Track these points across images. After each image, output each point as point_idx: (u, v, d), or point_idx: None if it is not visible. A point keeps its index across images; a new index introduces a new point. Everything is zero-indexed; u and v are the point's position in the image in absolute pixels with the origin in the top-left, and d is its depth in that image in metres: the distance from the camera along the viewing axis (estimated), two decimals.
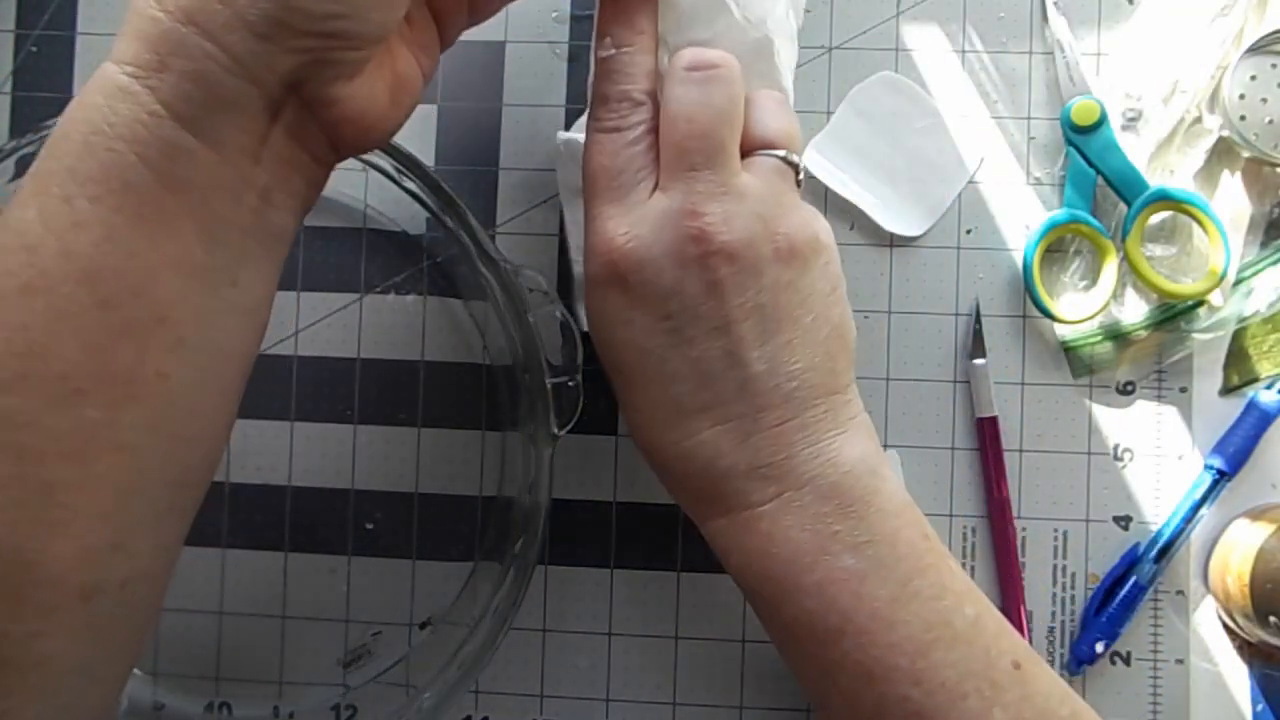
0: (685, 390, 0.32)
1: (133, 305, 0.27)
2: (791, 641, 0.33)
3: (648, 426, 0.33)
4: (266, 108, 0.28)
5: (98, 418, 0.26)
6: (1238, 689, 0.43)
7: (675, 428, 0.33)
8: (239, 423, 0.45)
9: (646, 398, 0.33)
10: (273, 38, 0.26)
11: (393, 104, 0.31)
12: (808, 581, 0.31)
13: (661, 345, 0.32)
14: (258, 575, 0.45)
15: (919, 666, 0.30)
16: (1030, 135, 0.45)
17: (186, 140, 0.27)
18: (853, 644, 0.31)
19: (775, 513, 0.32)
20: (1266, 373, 0.44)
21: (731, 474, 0.32)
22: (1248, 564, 0.40)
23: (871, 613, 0.31)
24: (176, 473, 0.29)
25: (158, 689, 0.45)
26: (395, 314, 0.46)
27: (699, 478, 0.33)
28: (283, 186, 0.29)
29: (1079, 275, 0.45)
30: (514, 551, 0.41)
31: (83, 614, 0.27)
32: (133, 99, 0.26)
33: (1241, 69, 0.43)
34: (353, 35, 0.28)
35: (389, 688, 0.45)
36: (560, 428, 0.40)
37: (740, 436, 0.32)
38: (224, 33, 0.26)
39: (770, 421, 0.32)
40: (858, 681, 0.31)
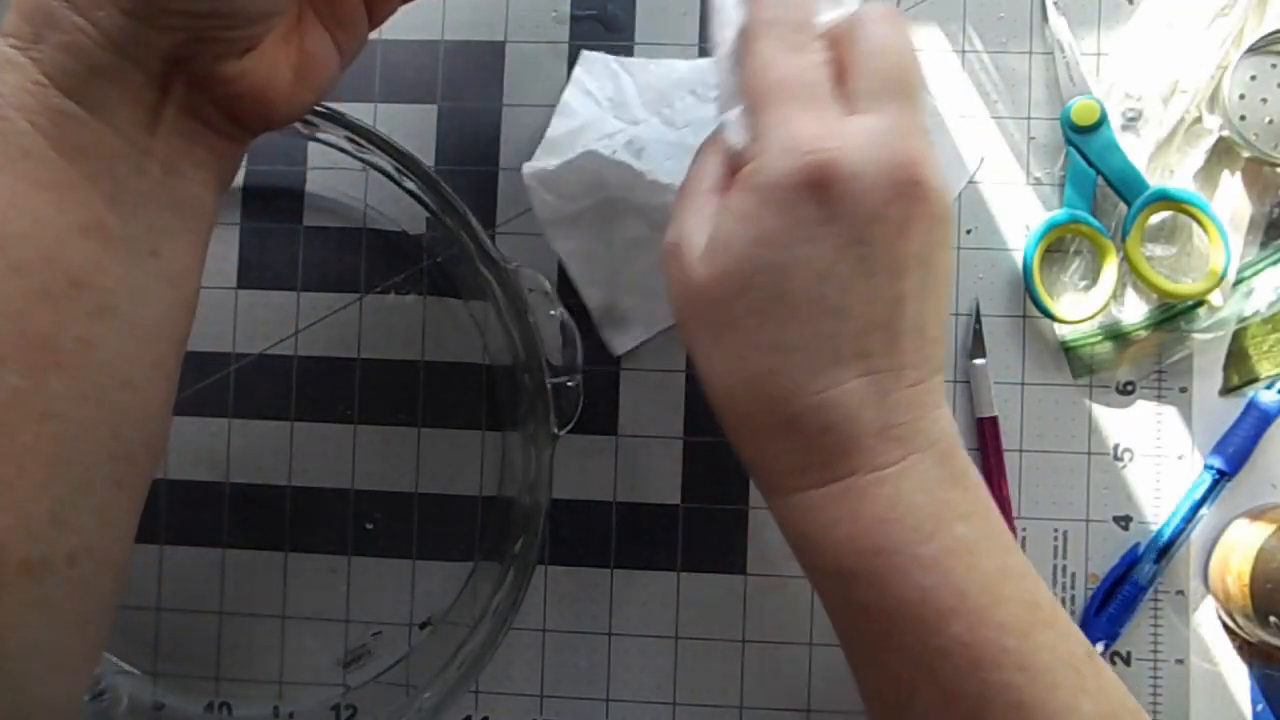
0: (849, 331, 0.29)
1: (45, 270, 0.27)
2: (888, 632, 0.30)
3: (793, 369, 0.30)
4: (150, 82, 0.28)
5: (19, 385, 0.26)
6: (1238, 689, 0.43)
7: (825, 373, 0.30)
8: (239, 423, 0.45)
9: (803, 334, 0.29)
10: (143, 16, 0.26)
11: (298, 83, 0.31)
12: (926, 553, 0.29)
13: (847, 273, 0.29)
14: (258, 575, 0.45)
15: (1025, 649, 0.29)
16: (1030, 135, 0.45)
17: (73, 108, 0.27)
18: (964, 625, 0.29)
19: (900, 476, 0.30)
20: (1266, 373, 0.44)
21: (867, 431, 0.30)
22: (1248, 564, 0.40)
23: (982, 587, 0.29)
24: (115, 446, 0.29)
25: (158, 689, 0.45)
26: (395, 314, 0.46)
27: (832, 433, 0.30)
28: (186, 158, 0.29)
29: (1079, 275, 0.45)
30: (514, 551, 0.41)
31: (29, 589, 0.27)
32: (18, 70, 0.26)
33: (1241, 69, 0.43)
34: (229, 15, 0.27)
35: (389, 688, 0.45)
36: (560, 428, 0.40)
37: (881, 392, 0.30)
38: (92, 8, 0.26)
39: (908, 380, 0.30)
40: (962, 670, 0.29)
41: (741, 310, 0.30)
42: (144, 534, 0.31)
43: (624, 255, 0.44)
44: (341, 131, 0.40)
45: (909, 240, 0.30)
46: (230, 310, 0.46)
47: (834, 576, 0.31)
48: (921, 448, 0.30)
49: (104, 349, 0.28)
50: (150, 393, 0.30)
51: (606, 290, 0.44)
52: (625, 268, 0.44)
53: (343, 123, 0.40)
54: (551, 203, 0.43)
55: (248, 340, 0.46)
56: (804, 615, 0.44)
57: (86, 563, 0.29)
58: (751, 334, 0.30)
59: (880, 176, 0.29)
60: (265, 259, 0.46)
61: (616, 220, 0.44)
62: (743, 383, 0.31)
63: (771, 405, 0.30)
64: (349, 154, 0.42)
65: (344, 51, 0.33)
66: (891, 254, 0.29)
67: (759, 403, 0.30)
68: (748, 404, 0.31)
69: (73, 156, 0.27)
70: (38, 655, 0.28)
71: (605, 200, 0.43)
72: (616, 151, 0.41)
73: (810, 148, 0.29)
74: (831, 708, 0.44)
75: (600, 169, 0.42)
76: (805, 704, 0.44)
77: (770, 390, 0.30)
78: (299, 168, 0.46)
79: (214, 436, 0.46)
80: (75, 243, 0.27)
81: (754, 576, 0.45)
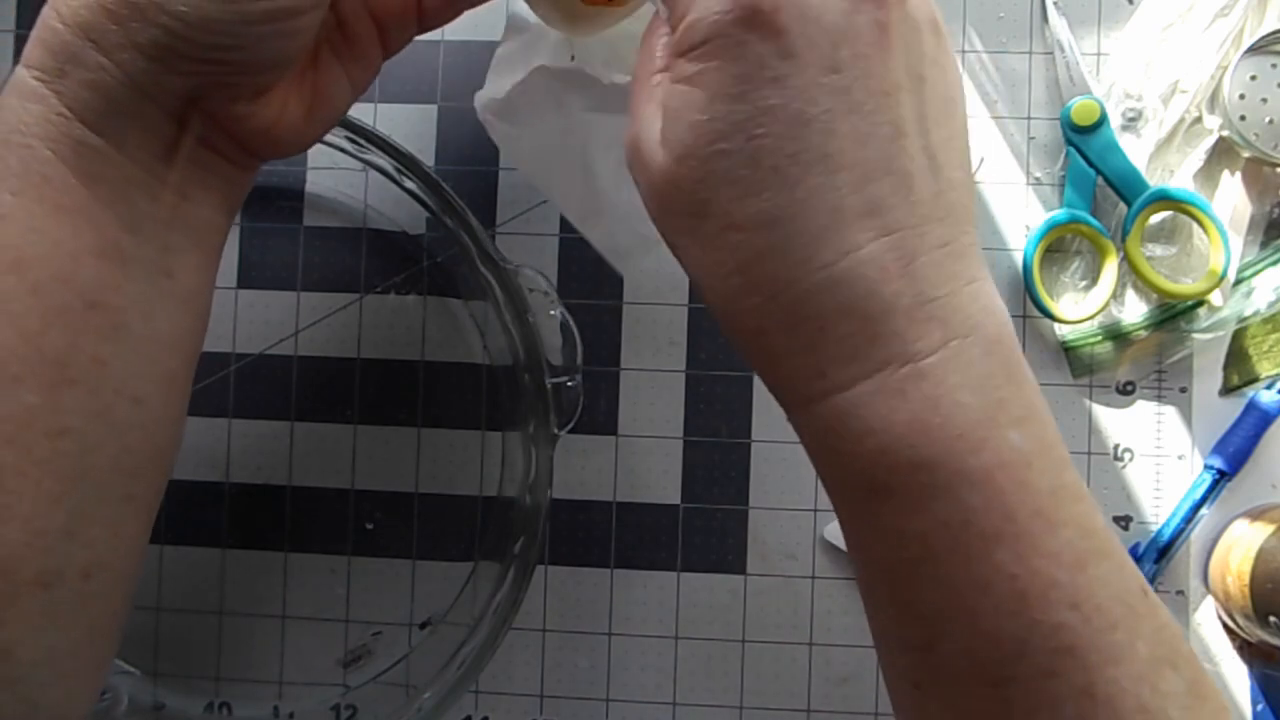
0: (848, 183, 0.25)
1: (61, 291, 0.27)
2: (920, 560, 0.25)
3: (789, 243, 0.25)
4: (169, 118, 0.28)
5: (35, 402, 0.27)
6: (1238, 689, 0.43)
7: (832, 240, 0.25)
8: (239, 423, 0.45)
9: (792, 197, 0.25)
10: (163, 60, 0.27)
11: (309, 118, 0.31)
12: (973, 465, 0.24)
13: (826, 111, 0.24)
14: (258, 575, 0.45)
15: (1078, 583, 0.24)
16: (1030, 135, 0.45)
17: (94, 140, 0.28)
18: (1009, 553, 0.24)
19: (941, 368, 0.25)
20: (1266, 373, 0.44)
21: (895, 309, 0.25)
22: (1248, 564, 0.40)
23: (1034, 509, 0.25)
24: (126, 461, 0.29)
25: (158, 689, 0.45)
26: (395, 314, 0.46)
27: (852, 315, 0.25)
28: (200, 185, 0.30)
29: (1079, 275, 0.45)
30: (514, 551, 0.41)
31: (43, 602, 0.27)
32: (42, 101, 0.27)
33: (1241, 69, 0.43)
34: (245, 64, 0.28)
35: (389, 688, 0.45)
36: (560, 428, 0.40)
37: (905, 256, 0.25)
38: (116, 51, 0.27)
39: (934, 238, 0.25)
40: (1005, 606, 0.24)
41: (712, 188, 0.25)
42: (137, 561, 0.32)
43: (610, 179, 0.40)
44: (341, 131, 0.40)
45: (890, 54, 0.25)
46: (230, 310, 0.46)
47: (863, 498, 0.26)
48: (964, 331, 0.25)
49: (117, 366, 0.28)
50: (162, 409, 0.30)
51: (601, 220, 0.41)
52: (612, 192, 0.40)
53: (343, 123, 0.40)
54: (512, 134, 0.38)
55: (248, 340, 0.46)
56: (804, 615, 0.44)
57: (99, 576, 0.29)
58: (731, 212, 0.25)
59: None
60: (265, 259, 0.46)
61: (590, 142, 0.40)
62: (735, 272, 0.26)
63: (773, 293, 0.25)
64: (349, 154, 0.42)
65: (356, 85, 0.33)
66: (874, 77, 0.25)
67: (759, 293, 0.25)
68: (746, 297, 0.26)
69: (91, 183, 0.28)
70: (49, 667, 0.28)
71: (573, 122, 0.39)
72: (575, 57, 0.37)
73: None
74: (831, 708, 0.44)
75: (559, 84, 0.37)
76: (805, 704, 0.44)
77: (768, 275, 0.25)
78: (299, 168, 0.46)
79: (214, 436, 0.46)
80: (92, 265, 0.28)
81: (754, 576, 0.45)
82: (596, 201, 0.40)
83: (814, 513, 0.45)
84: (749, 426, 0.45)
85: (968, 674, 0.25)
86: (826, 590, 0.44)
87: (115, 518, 0.29)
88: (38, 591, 0.27)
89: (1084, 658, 0.24)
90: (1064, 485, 0.25)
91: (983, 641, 0.25)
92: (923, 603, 0.26)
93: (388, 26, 0.33)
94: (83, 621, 0.29)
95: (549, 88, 0.38)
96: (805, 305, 0.25)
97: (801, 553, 0.44)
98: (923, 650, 0.26)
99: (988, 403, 0.25)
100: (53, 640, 0.28)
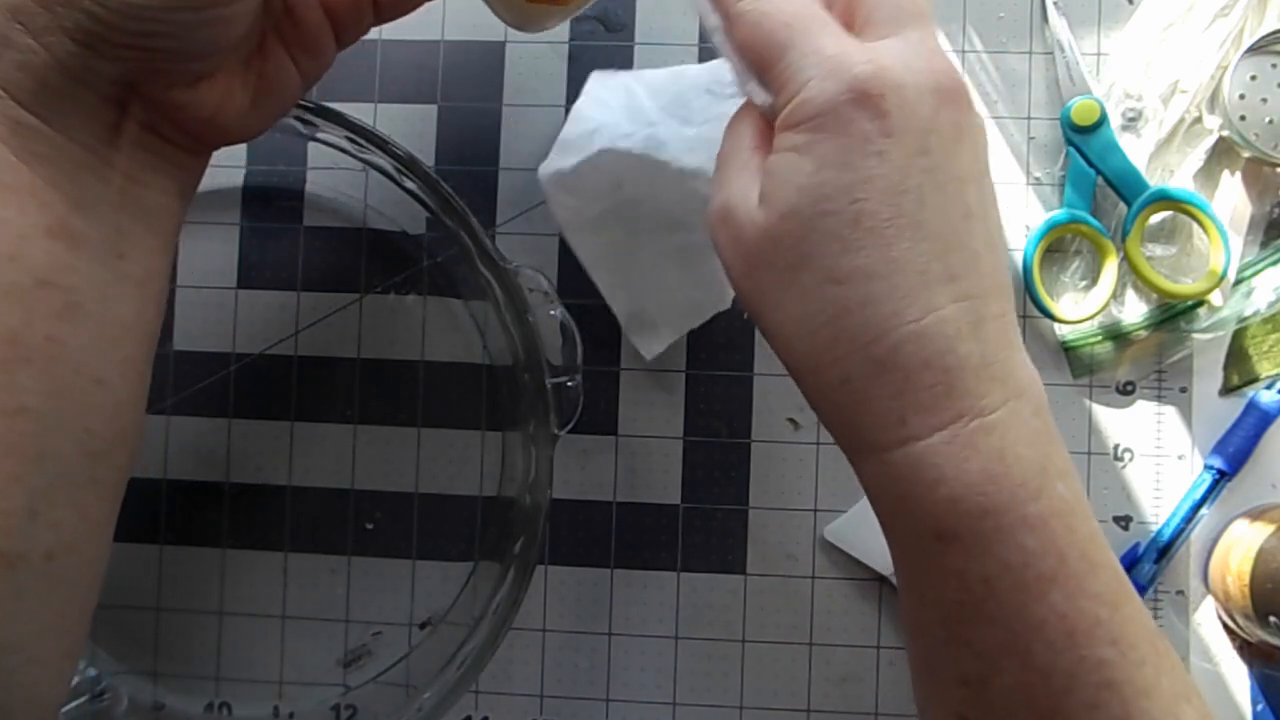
0: (933, 251, 0.28)
1: (9, 269, 0.27)
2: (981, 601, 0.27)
3: (883, 297, 0.27)
4: (106, 102, 0.29)
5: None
6: (1238, 689, 0.43)
7: (919, 298, 0.27)
8: (239, 423, 0.45)
9: (886, 256, 0.27)
10: (91, 45, 0.27)
11: (255, 105, 0.32)
12: (1032, 512, 0.27)
13: (919, 185, 0.28)
14: (258, 575, 0.45)
15: (1116, 621, 0.27)
16: (1030, 135, 0.45)
17: (30, 120, 0.28)
18: (1062, 594, 0.27)
19: (1005, 424, 0.27)
20: (1266, 373, 0.44)
21: (967, 366, 0.27)
22: (1248, 564, 0.40)
23: (1080, 553, 0.27)
24: (89, 443, 0.29)
25: (158, 689, 0.45)
26: (395, 314, 0.46)
27: (932, 369, 0.27)
28: (150, 169, 0.30)
29: (1079, 275, 0.45)
30: (514, 551, 0.41)
31: (7, 584, 0.28)
32: None
33: (1241, 69, 0.43)
34: (177, 51, 0.28)
35: (389, 688, 0.45)
36: (560, 428, 0.40)
37: (976, 320, 0.28)
38: (44, 34, 0.27)
39: (994, 310, 0.28)
40: (1056, 643, 0.27)
41: (815, 244, 0.28)
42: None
43: (649, 258, 0.43)
44: (341, 131, 0.40)
45: (964, 150, 0.29)
46: (230, 310, 0.46)
47: (930, 542, 0.28)
48: (1017, 392, 0.28)
49: (73, 346, 0.29)
50: (122, 390, 0.30)
51: (632, 295, 0.43)
52: (650, 271, 0.43)
53: (343, 123, 0.40)
54: (570, 205, 0.42)
55: (248, 340, 0.46)
56: (804, 615, 0.44)
57: (64, 559, 0.29)
58: (831, 266, 0.28)
59: (927, 85, 0.28)
60: (265, 259, 0.46)
61: (640, 221, 0.43)
62: (828, 324, 0.28)
63: (863, 342, 0.28)
64: (349, 154, 0.42)
65: (305, 74, 0.33)
66: (953, 164, 0.28)
67: (848, 343, 0.28)
68: (835, 347, 0.28)
69: (34, 162, 0.28)
70: (17, 651, 0.29)
71: (626, 201, 0.42)
72: (635, 147, 0.40)
73: (852, 62, 0.28)
74: (831, 708, 0.44)
75: (620, 166, 0.40)
76: (805, 704, 0.44)
77: (860, 324, 0.28)
78: (299, 168, 0.46)
79: (214, 436, 0.46)
80: (41, 243, 0.28)
81: (754, 576, 0.45)
82: (633, 277, 0.43)
83: (814, 513, 0.45)
84: (749, 426, 0.45)
85: (1020, 707, 0.27)
86: (826, 590, 0.44)
87: (79, 501, 0.30)
88: (2, 572, 0.27)
89: (1121, 691, 0.27)
90: (1096, 532, 0.28)
91: (1036, 676, 0.27)
92: (982, 640, 0.27)
93: (341, 17, 0.33)
94: (49, 605, 0.29)
95: (611, 169, 0.41)
96: (893, 354, 0.27)
97: (801, 553, 0.45)
98: (978, 685, 0.28)
99: (1040, 456, 0.28)
100: (20, 624, 0.28)
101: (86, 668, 0.44)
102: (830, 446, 0.44)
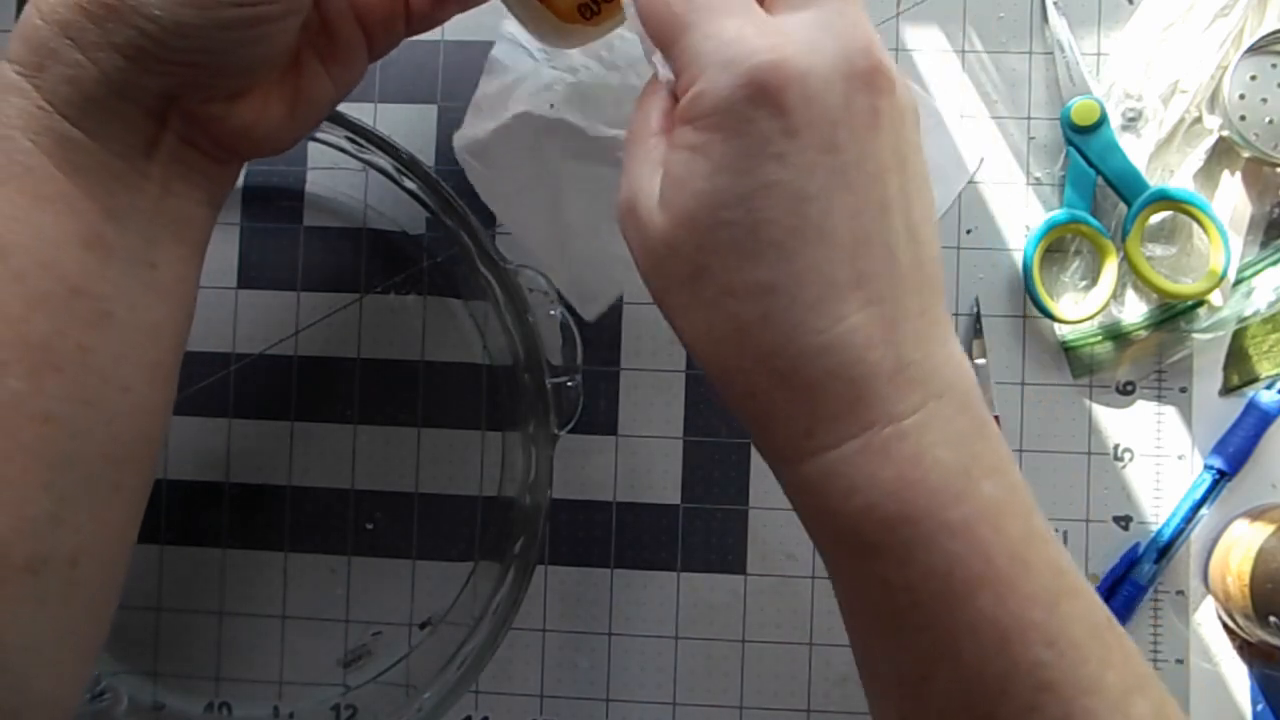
0: (840, 257, 0.26)
1: (44, 278, 0.28)
2: (909, 608, 0.27)
3: (784, 311, 0.26)
4: (148, 115, 0.29)
5: (20, 388, 0.27)
6: (1238, 689, 0.43)
7: (823, 310, 0.26)
8: (239, 423, 0.45)
9: (788, 269, 0.26)
10: (139, 60, 0.28)
11: (290, 118, 0.32)
12: (954, 517, 0.26)
13: (824, 188, 0.26)
14: (258, 575, 0.45)
15: (1053, 622, 0.26)
16: (1030, 135, 0.45)
17: (74, 133, 0.28)
18: (990, 597, 0.26)
19: (921, 427, 0.26)
20: (1266, 373, 0.44)
21: (878, 373, 0.26)
22: (1248, 564, 0.40)
23: (1010, 554, 0.26)
24: (114, 449, 0.30)
25: (158, 689, 0.45)
26: (395, 314, 0.46)
27: (839, 380, 0.26)
28: (183, 179, 0.31)
29: (1079, 275, 0.45)
30: (514, 551, 0.41)
31: (31, 587, 0.28)
32: (22, 94, 0.28)
33: (1241, 69, 0.43)
34: (219, 68, 0.29)
35: (389, 688, 0.45)
36: (560, 428, 0.40)
37: (888, 324, 0.26)
38: (93, 49, 0.28)
39: (914, 308, 0.27)
40: (988, 647, 0.26)
41: (712, 255, 0.26)
42: (144, 534, 0.32)
43: (580, 226, 0.42)
44: (341, 131, 0.40)
45: (880, 137, 0.27)
46: (230, 310, 0.46)
47: (851, 550, 0.27)
48: (940, 392, 0.27)
49: (102, 354, 0.29)
50: (148, 397, 0.30)
51: (567, 265, 0.43)
52: (580, 240, 0.42)
53: (343, 123, 0.40)
54: (488, 175, 0.39)
55: (248, 340, 0.46)
56: (804, 615, 0.44)
57: (86, 564, 0.29)
58: (729, 279, 0.26)
59: (836, 69, 0.26)
60: (265, 259, 0.46)
61: (563, 189, 0.41)
62: (728, 337, 0.27)
63: (765, 357, 0.27)
64: (349, 154, 0.42)
65: (340, 87, 0.33)
66: (865, 157, 0.26)
67: (751, 357, 0.27)
68: (738, 360, 0.27)
69: (73, 174, 0.28)
70: (37, 654, 0.29)
71: (549, 168, 0.40)
72: (555, 106, 0.37)
73: (750, 51, 0.25)
74: (831, 708, 0.44)
75: (538, 131, 0.38)
76: (805, 704, 0.44)
77: (761, 340, 0.27)
78: (299, 168, 0.46)
79: (214, 436, 0.46)
80: (74, 253, 0.28)
81: (754, 576, 0.45)
82: (566, 246, 0.42)
83: None
84: None
85: (957, 709, 0.27)
86: (826, 590, 0.44)
87: (103, 506, 0.30)
88: (26, 577, 0.28)
89: (1060, 692, 0.26)
90: (1033, 530, 0.27)
91: (970, 681, 0.26)
92: (914, 645, 0.27)
93: (374, 30, 0.33)
94: (71, 609, 0.29)
95: (529, 133, 0.39)
96: (796, 369, 0.26)
97: (801, 553, 0.44)
98: (915, 685, 0.27)
99: (963, 456, 0.27)
100: (41, 627, 0.28)
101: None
102: None
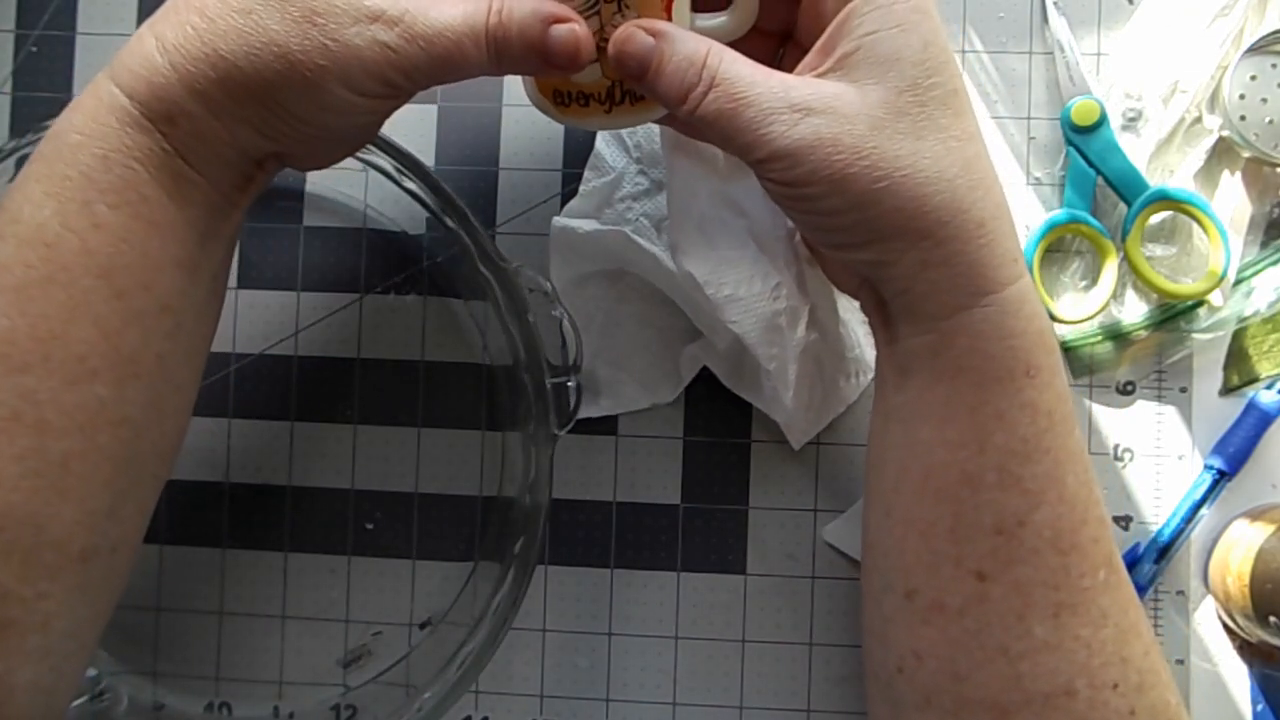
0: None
1: (142, 296, 0.31)
2: (1044, 431, 0.31)
3: (983, 157, 0.32)
4: (251, 162, 0.33)
5: (106, 395, 0.30)
6: (1238, 689, 0.43)
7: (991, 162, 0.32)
8: (239, 423, 0.46)
9: (973, 124, 0.32)
10: (271, 136, 0.32)
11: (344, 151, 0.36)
12: (1045, 363, 0.31)
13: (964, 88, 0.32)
14: (258, 575, 0.45)
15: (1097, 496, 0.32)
16: (1030, 135, 0.45)
17: (192, 175, 0.31)
18: (1079, 433, 0.32)
19: (1026, 290, 0.31)
20: (1266, 373, 0.44)
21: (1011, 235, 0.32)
22: (1248, 564, 0.40)
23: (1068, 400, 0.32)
24: (162, 444, 0.33)
25: (158, 689, 0.45)
26: (395, 314, 0.46)
27: (1003, 236, 0.31)
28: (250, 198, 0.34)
29: (1079, 275, 0.45)
30: (514, 551, 0.41)
31: (80, 576, 0.30)
32: (148, 135, 0.30)
33: (1241, 69, 0.43)
34: (335, 143, 0.34)
35: (389, 688, 0.45)
36: (560, 428, 0.40)
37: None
38: (229, 120, 0.31)
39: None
40: (1080, 476, 0.31)
41: (935, 106, 0.31)
42: (145, 534, 0.32)
43: (619, 327, 0.44)
44: None
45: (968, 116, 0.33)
46: (230, 310, 0.46)
47: (1019, 377, 0.31)
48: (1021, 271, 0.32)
49: (171, 361, 0.32)
50: (191, 393, 0.34)
51: (589, 357, 0.45)
52: (614, 339, 0.44)
53: None
54: (570, 261, 0.43)
55: (248, 340, 0.46)
56: (804, 615, 0.44)
57: (122, 551, 0.32)
58: (959, 127, 0.31)
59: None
60: (265, 259, 0.46)
61: (621, 292, 0.44)
62: (960, 169, 0.31)
63: (988, 190, 0.31)
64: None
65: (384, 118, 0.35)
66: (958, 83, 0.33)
67: (977, 189, 0.31)
68: (970, 192, 0.31)
69: (183, 205, 0.31)
70: (76, 638, 0.31)
71: (616, 271, 0.44)
72: (640, 232, 0.42)
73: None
74: (831, 708, 0.44)
75: (624, 247, 0.42)
76: (805, 704, 0.44)
77: (980, 174, 0.31)
78: None
79: (214, 436, 0.46)
80: (169, 273, 0.31)
81: (754, 576, 0.45)
82: (597, 339, 0.45)
83: (814, 513, 0.45)
84: (749, 427, 0.45)
85: (1045, 545, 0.30)
86: (826, 590, 0.44)
87: (148, 498, 0.33)
88: (79, 566, 0.30)
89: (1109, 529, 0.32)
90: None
91: (1065, 507, 0.31)
92: (1032, 477, 0.31)
93: None
94: (105, 595, 0.32)
95: (621, 248, 0.42)
96: (993, 218, 0.31)
97: (801, 553, 0.45)
98: (1013, 529, 0.30)
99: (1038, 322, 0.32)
100: (82, 613, 0.31)
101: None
102: (830, 447, 0.45)
